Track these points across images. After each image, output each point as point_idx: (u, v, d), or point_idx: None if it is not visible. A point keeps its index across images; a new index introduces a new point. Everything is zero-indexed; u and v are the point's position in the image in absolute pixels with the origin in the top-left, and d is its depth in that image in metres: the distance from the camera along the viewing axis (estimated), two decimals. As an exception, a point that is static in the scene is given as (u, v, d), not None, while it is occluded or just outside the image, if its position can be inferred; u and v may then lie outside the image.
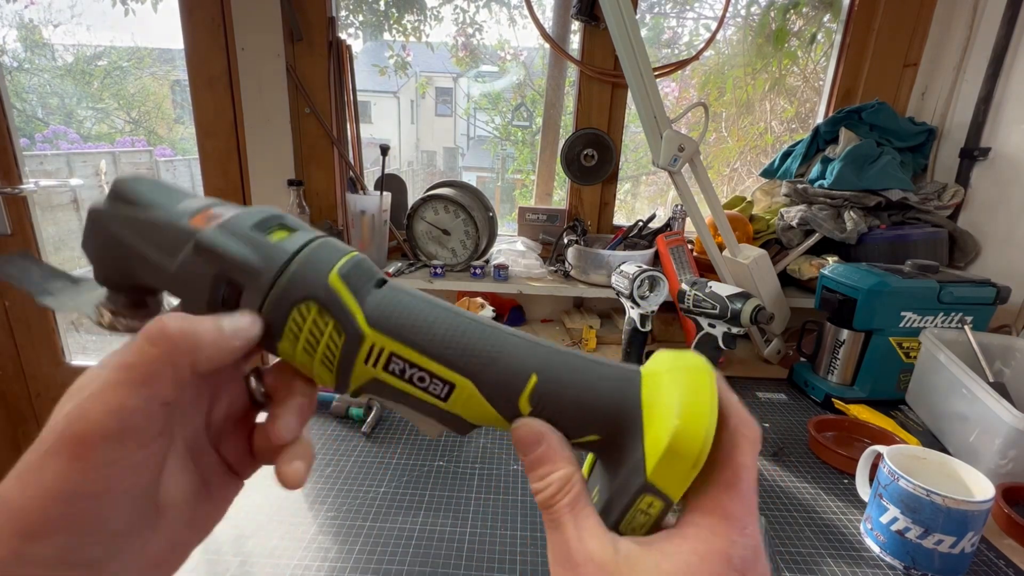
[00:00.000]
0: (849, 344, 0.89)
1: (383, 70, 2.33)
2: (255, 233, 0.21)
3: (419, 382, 0.22)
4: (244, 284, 0.21)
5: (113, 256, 0.22)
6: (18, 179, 1.33)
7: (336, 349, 0.21)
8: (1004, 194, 1.05)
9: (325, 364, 0.21)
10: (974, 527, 0.53)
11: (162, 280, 0.22)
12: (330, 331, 0.21)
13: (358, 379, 0.22)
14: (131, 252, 0.22)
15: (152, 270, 0.21)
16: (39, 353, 1.47)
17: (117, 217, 0.22)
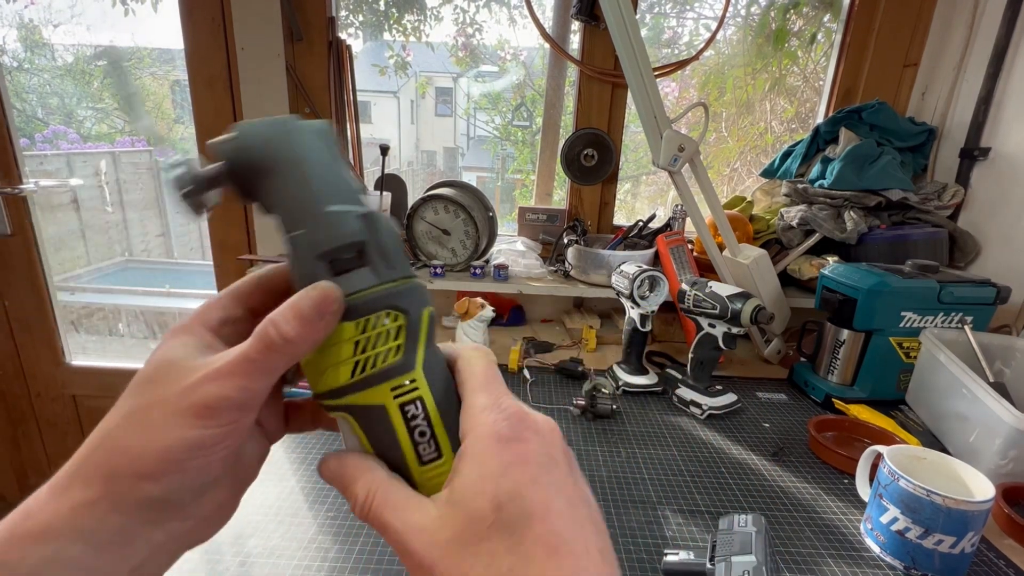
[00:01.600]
0: (849, 344, 0.89)
1: (383, 70, 2.33)
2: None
3: (419, 436, 0.23)
4: (374, 265, 0.22)
5: (271, 160, 0.23)
6: (18, 179, 1.33)
7: (382, 363, 0.22)
8: (1004, 194, 1.05)
9: (357, 367, 0.22)
10: (974, 527, 0.53)
11: (295, 213, 0.23)
12: (392, 346, 0.22)
13: (368, 397, 0.22)
14: (295, 170, 0.23)
15: (294, 199, 0.23)
16: (39, 353, 1.47)
17: (311, 137, 0.23)
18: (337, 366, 0.22)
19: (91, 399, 1.51)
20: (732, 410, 0.87)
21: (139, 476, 0.19)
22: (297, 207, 0.23)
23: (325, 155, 0.23)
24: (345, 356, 0.22)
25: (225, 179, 0.23)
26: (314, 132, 0.24)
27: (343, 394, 0.22)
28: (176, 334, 0.23)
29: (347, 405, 0.23)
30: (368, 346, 0.22)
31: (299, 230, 0.22)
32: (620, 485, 0.68)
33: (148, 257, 3.49)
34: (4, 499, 1.60)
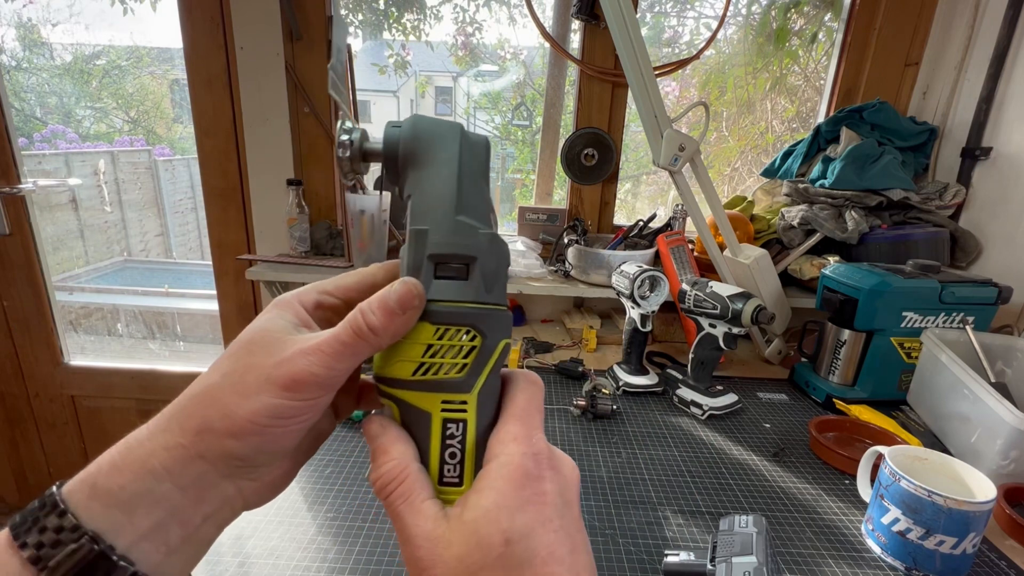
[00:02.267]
0: (850, 344, 0.89)
1: (383, 69, 2.33)
2: None
3: (449, 457, 0.23)
4: (475, 283, 0.24)
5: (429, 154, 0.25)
6: (17, 179, 1.32)
7: (443, 375, 0.23)
8: (1006, 194, 1.05)
9: (420, 368, 0.23)
10: (976, 528, 0.52)
11: (428, 209, 0.24)
12: (459, 362, 0.23)
13: (419, 399, 0.23)
14: (446, 171, 0.24)
15: (433, 196, 0.24)
16: (38, 353, 1.46)
17: (472, 148, 0.25)
18: (404, 360, 0.23)
19: (89, 399, 1.51)
20: (733, 410, 0.87)
21: (227, 432, 0.21)
22: (432, 205, 0.24)
23: (476, 169, 0.25)
24: (414, 355, 0.23)
25: (381, 158, 0.26)
26: (476, 144, 0.25)
27: (399, 387, 0.23)
28: (277, 306, 0.24)
29: (398, 398, 0.24)
30: (438, 354, 0.23)
31: (424, 225, 0.24)
32: (620, 485, 0.67)
33: (147, 257, 3.49)
34: (3, 500, 1.60)
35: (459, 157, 0.25)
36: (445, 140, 0.25)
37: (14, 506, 1.61)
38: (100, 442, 1.55)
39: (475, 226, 0.24)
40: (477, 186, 0.25)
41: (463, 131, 0.25)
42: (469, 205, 0.24)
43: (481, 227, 0.24)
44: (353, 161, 0.26)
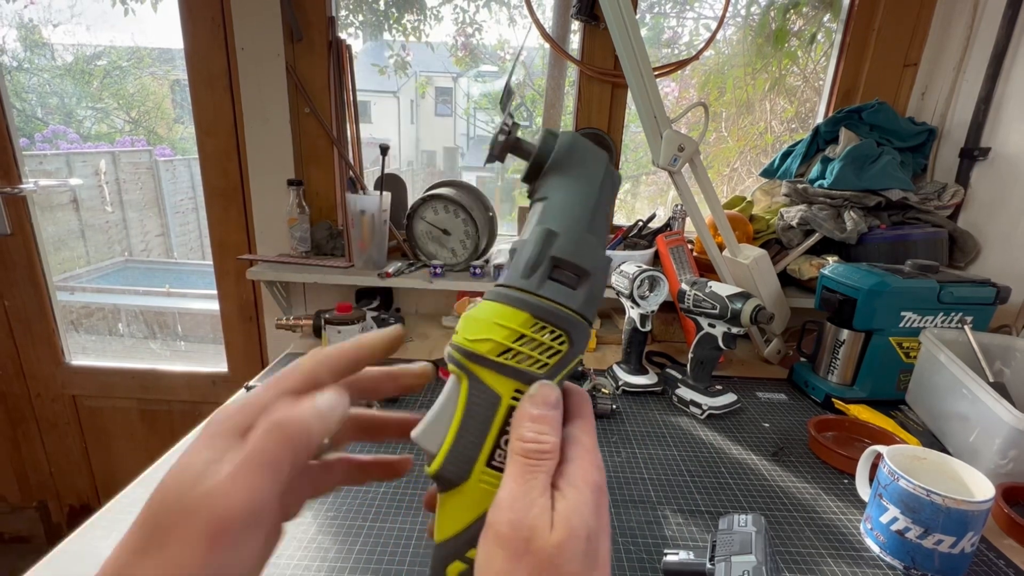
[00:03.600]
0: (849, 344, 0.89)
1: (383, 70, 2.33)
2: None
3: (504, 443, 0.24)
4: (581, 295, 0.25)
5: (579, 168, 0.27)
6: (18, 179, 1.33)
7: (524, 365, 0.24)
8: (1004, 194, 1.05)
9: (505, 352, 0.23)
10: (974, 527, 0.53)
11: (559, 216, 0.26)
12: (542, 359, 0.24)
13: (493, 379, 0.24)
14: (588, 189, 0.26)
15: (569, 206, 0.26)
16: (39, 353, 1.47)
17: (611, 179, 0.27)
18: (491, 340, 0.23)
19: (91, 399, 1.51)
20: (732, 410, 0.87)
21: None
22: (567, 214, 0.26)
23: (609, 199, 0.27)
24: (503, 336, 0.23)
25: (530, 156, 0.27)
26: (616, 179, 0.28)
27: (479, 363, 0.24)
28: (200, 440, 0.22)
29: (474, 374, 0.24)
30: (525, 344, 0.24)
31: (556, 228, 0.25)
32: (620, 485, 0.68)
33: (148, 257, 3.49)
34: (5, 500, 1.60)
35: (601, 183, 0.26)
36: (594, 164, 0.27)
37: (15, 506, 1.61)
38: (101, 442, 1.55)
39: (597, 245, 0.26)
40: (606, 213, 0.27)
41: (609, 161, 0.27)
42: (597, 227, 0.26)
43: (602, 250, 0.26)
44: (505, 148, 0.28)
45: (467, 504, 0.24)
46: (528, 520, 0.21)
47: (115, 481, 1.58)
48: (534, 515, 0.21)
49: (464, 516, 0.24)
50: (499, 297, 0.25)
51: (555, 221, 0.25)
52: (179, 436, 0.72)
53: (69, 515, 1.63)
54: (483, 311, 0.25)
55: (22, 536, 1.63)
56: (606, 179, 0.27)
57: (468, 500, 0.24)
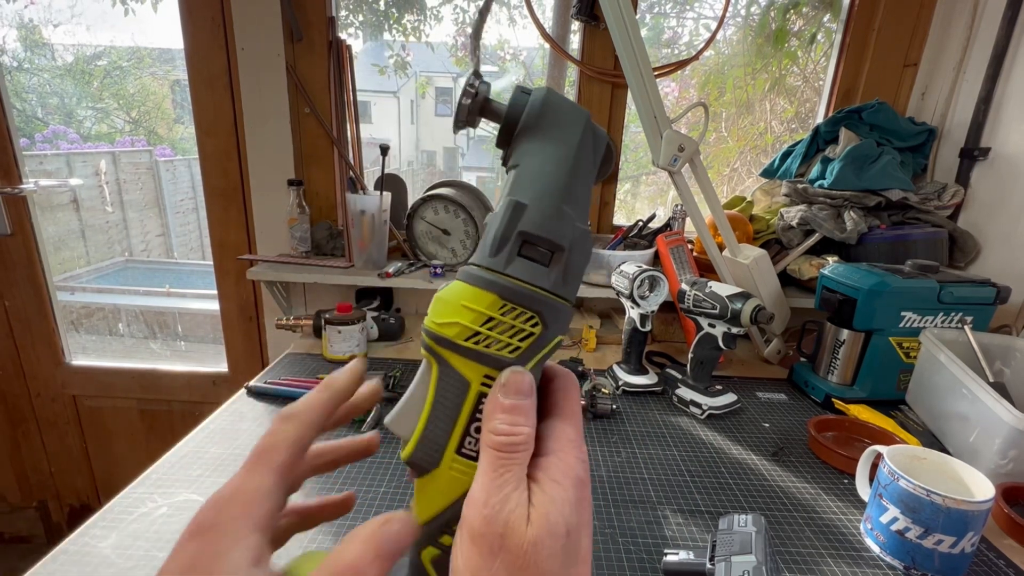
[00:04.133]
0: (849, 344, 0.89)
1: (383, 70, 2.33)
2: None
3: (475, 431, 0.23)
4: (553, 273, 0.23)
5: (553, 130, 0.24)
6: (18, 179, 1.33)
7: (493, 350, 0.22)
8: (1004, 194, 1.05)
9: (473, 336, 0.22)
10: (974, 527, 0.53)
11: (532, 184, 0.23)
12: (513, 343, 0.22)
13: (462, 365, 0.23)
14: (563, 154, 0.24)
15: (542, 174, 0.23)
16: (39, 353, 1.47)
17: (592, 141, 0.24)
18: (458, 323, 0.22)
19: (91, 399, 1.51)
20: (732, 410, 0.87)
21: None
22: (539, 183, 0.23)
23: (590, 163, 0.24)
24: (469, 319, 0.22)
25: (501, 118, 0.25)
26: (598, 138, 0.24)
27: (447, 347, 0.23)
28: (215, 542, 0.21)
29: (443, 358, 0.23)
30: (496, 328, 0.22)
31: (525, 200, 0.23)
32: (620, 485, 0.68)
33: (148, 257, 3.49)
34: (5, 500, 1.60)
35: (579, 145, 0.24)
36: (571, 123, 0.24)
37: (15, 506, 1.61)
38: (101, 442, 1.55)
39: (573, 217, 0.23)
40: (586, 180, 0.24)
41: (589, 119, 0.24)
42: (574, 196, 0.23)
43: (579, 221, 0.23)
44: (472, 112, 0.25)
45: (440, 490, 0.23)
46: (503, 515, 0.20)
47: (115, 481, 1.58)
48: (508, 510, 0.20)
49: (437, 502, 0.23)
50: (467, 277, 0.23)
51: (525, 191, 0.23)
52: (179, 436, 0.72)
53: (69, 515, 1.63)
54: (451, 292, 0.23)
55: (22, 536, 1.63)
56: (584, 139, 0.24)
57: (440, 487, 0.23)
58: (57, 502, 1.62)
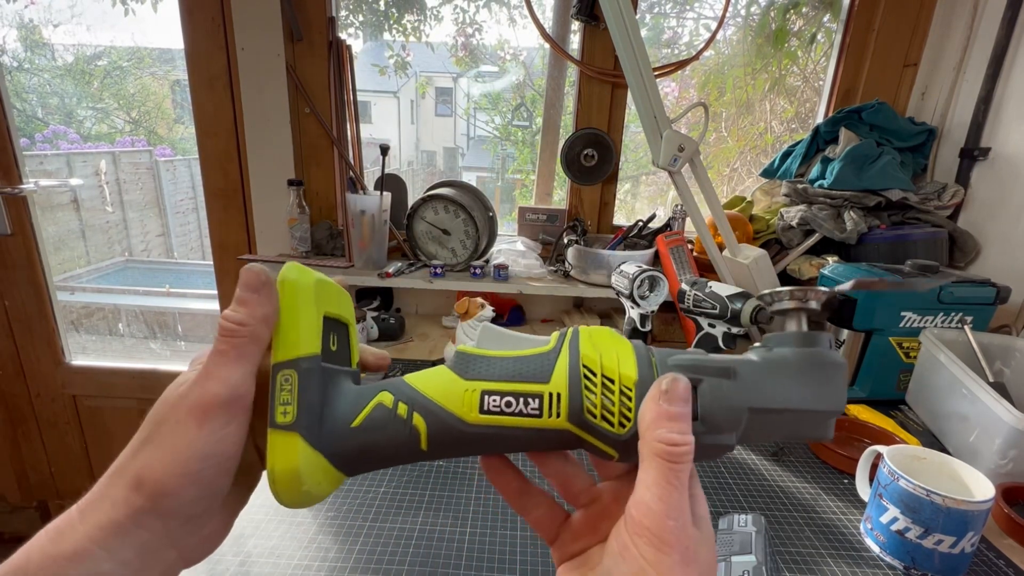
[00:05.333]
0: (849, 344, 0.89)
1: (383, 70, 2.33)
2: None
3: (505, 405, 0.24)
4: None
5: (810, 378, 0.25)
6: (18, 179, 1.33)
7: (584, 397, 0.24)
8: (1004, 194, 1.05)
9: (591, 376, 0.24)
10: (974, 527, 0.53)
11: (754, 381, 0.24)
12: (599, 413, 0.24)
13: (560, 373, 0.24)
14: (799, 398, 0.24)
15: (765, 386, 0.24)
16: (39, 353, 1.47)
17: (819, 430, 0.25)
18: (594, 355, 0.24)
19: (91, 399, 1.51)
20: (732, 410, 0.87)
21: (160, 493, 0.21)
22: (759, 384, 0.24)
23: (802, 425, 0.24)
24: (605, 363, 0.24)
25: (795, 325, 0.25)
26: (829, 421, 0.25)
27: (572, 352, 0.25)
28: (190, 364, 0.25)
29: (560, 350, 0.25)
30: (604, 389, 0.24)
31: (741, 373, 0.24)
32: (620, 485, 0.67)
33: (148, 257, 3.49)
34: (5, 500, 1.60)
35: (813, 404, 0.24)
36: (822, 395, 0.24)
37: (15, 506, 1.61)
38: (101, 441, 1.55)
39: (737, 428, 0.24)
40: (783, 427, 0.24)
41: (838, 410, 0.24)
42: (762, 422, 0.24)
43: (734, 438, 0.24)
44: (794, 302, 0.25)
45: (443, 387, 0.24)
46: (689, 529, 0.21)
47: (115, 481, 1.58)
48: (690, 523, 0.21)
49: (431, 387, 0.25)
50: (640, 348, 0.25)
51: (746, 374, 0.24)
52: (179, 436, 0.72)
53: (69, 515, 1.63)
54: (620, 340, 0.25)
55: (22, 536, 1.61)
56: (820, 412, 0.24)
57: (447, 387, 0.24)
58: (57, 502, 1.62)
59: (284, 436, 0.23)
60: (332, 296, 0.27)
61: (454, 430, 0.24)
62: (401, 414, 0.24)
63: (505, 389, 0.24)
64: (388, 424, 0.24)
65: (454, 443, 0.24)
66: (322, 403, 0.24)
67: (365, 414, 0.24)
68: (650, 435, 0.22)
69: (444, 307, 1.32)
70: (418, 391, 0.25)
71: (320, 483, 0.24)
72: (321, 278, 0.26)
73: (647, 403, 0.22)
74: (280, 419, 0.23)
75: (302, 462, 0.23)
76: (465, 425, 0.24)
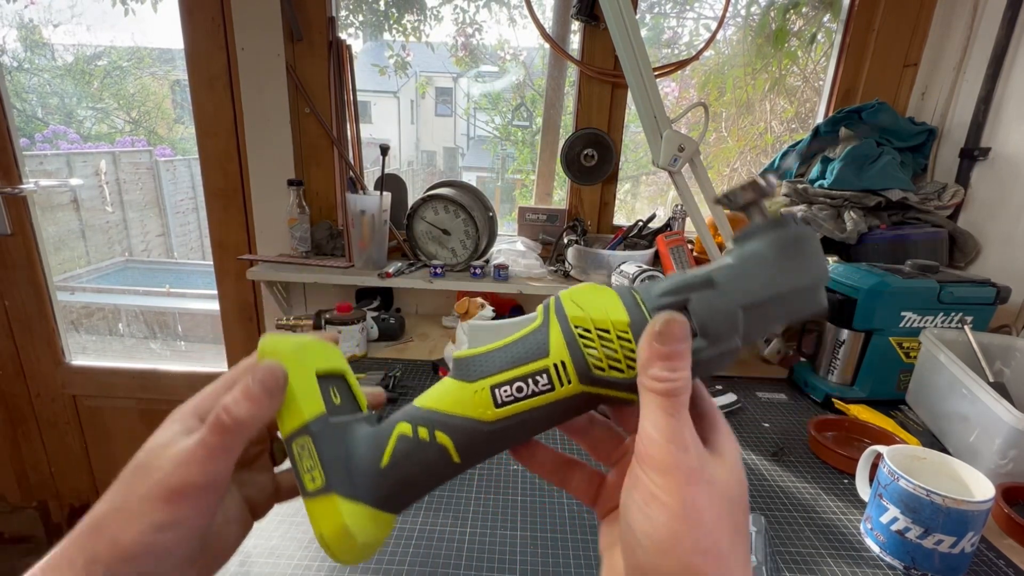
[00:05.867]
0: (849, 344, 0.89)
1: (383, 70, 2.33)
2: None
3: (516, 390, 0.24)
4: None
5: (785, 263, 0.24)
6: (18, 179, 1.33)
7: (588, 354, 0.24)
8: (1004, 194, 1.05)
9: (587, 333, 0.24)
10: (974, 527, 0.53)
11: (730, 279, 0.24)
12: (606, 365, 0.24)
13: (556, 343, 0.24)
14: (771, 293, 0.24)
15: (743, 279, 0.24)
16: (39, 353, 1.47)
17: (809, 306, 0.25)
18: (586, 314, 0.24)
19: (91, 399, 1.51)
20: (732, 410, 0.87)
21: (117, 559, 0.22)
22: (741, 282, 0.24)
23: (796, 307, 0.24)
24: (595, 317, 0.24)
25: (759, 217, 0.25)
26: (821, 294, 0.25)
27: (560, 317, 0.24)
28: (169, 421, 0.25)
29: (548, 319, 0.25)
30: (604, 341, 0.24)
31: (718, 279, 0.24)
32: (620, 485, 0.67)
33: (148, 257, 3.49)
34: (5, 500, 1.60)
35: (800, 286, 0.24)
36: (802, 270, 0.24)
37: (15, 506, 1.61)
38: (101, 441, 1.55)
39: (738, 330, 0.23)
40: (780, 314, 0.24)
41: (824, 281, 0.25)
42: (757, 316, 0.24)
43: (738, 338, 0.24)
44: (746, 202, 0.25)
45: (454, 398, 0.25)
46: (691, 451, 0.21)
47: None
48: (694, 447, 0.22)
49: (444, 403, 0.25)
50: (622, 291, 0.25)
51: (724, 277, 0.24)
52: (179, 436, 0.72)
53: (69, 515, 1.63)
54: (600, 291, 0.25)
55: (22, 536, 1.63)
56: (809, 289, 0.24)
57: (457, 397, 0.25)
58: (57, 502, 1.62)
59: (321, 501, 0.23)
60: (318, 353, 0.27)
61: (478, 433, 0.24)
62: (424, 437, 0.24)
63: (511, 377, 0.24)
64: (415, 452, 0.24)
65: (483, 445, 0.25)
66: (346, 456, 0.24)
67: (390, 451, 0.25)
68: (644, 374, 0.22)
69: (444, 307, 1.32)
70: (431, 410, 0.25)
71: (373, 531, 0.24)
72: (299, 341, 0.26)
73: (642, 343, 0.23)
74: (310, 486, 0.24)
75: (348, 518, 0.23)
76: (486, 425, 0.24)
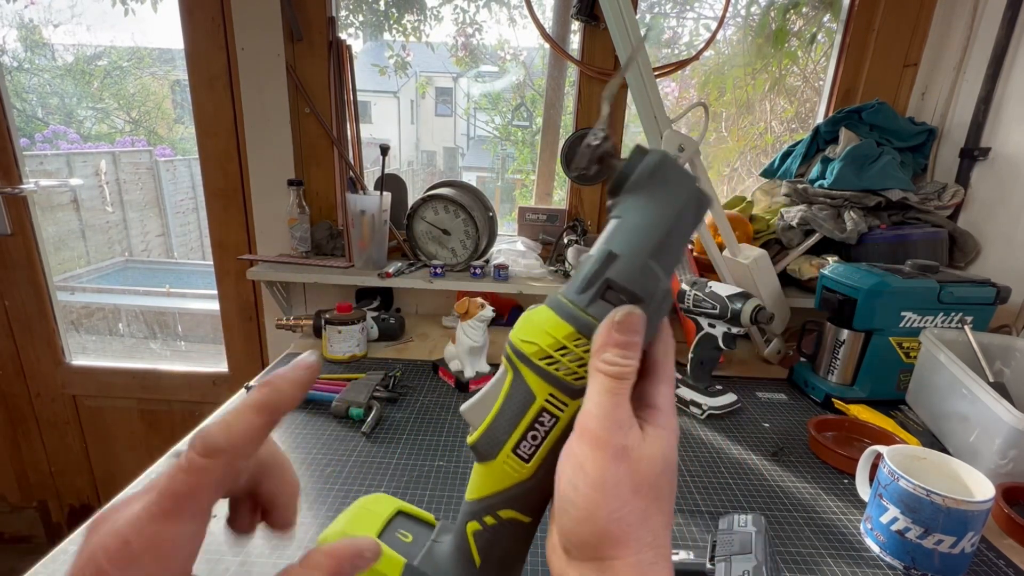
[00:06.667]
0: (849, 344, 0.89)
1: (383, 70, 2.33)
2: None
3: (531, 438, 0.25)
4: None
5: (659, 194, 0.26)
6: (18, 179, 1.33)
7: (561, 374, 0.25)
8: (1004, 194, 1.05)
9: (546, 359, 0.25)
10: (974, 527, 0.53)
11: (629, 238, 0.25)
12: (580, 372, 0.25)
13: (532, 380, 0.25)
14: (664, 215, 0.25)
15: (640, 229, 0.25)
16: (39, 353, 1.47)
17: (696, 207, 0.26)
18: (536, 344, 0.25)
19: (91, 399, 1.51)
20: (732, 410, 0.87)
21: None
22: (635, 237, 0.25)
23: (688, 226, 0.26)
24: (547, 343, 0.25)
25: (615, 172, 0.27)
26: (701, 204, 0.26)
27: (522, 361, 0.25)
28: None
29: (516, 367, 0.26)
30: (566, 355, 0.25)
31: (618, 251, 0.25)
32: (620, 485, 0.67)
33: (148, 257, 3.49)
34: (5, 500, 1.60)
35: (681, 209, 0.25)
36: (678, 187, 0.26)
37: (15, 506, 1.61)
38: (101, 442, 1.55)
39: (660, 276, 0.25)
40: (680, 241, 0.26)
41: (697, 185, 0.26)
42: (665, 255, 0.25)
43: (663, 280, 0.25)
44: (592, 157, 0.28)
45: (492, 478, 0.26)
46: (623, 430, 0.23)
47: (115, 481, 1.58)
48: (628, 426, 0.23)
49: (488, 487, 0.26)
50: (554, 305, 0.26)
51: (620, 243, 0.25)
52: (179, 436, 0.73)
53: (69, 515, 1.63)
54: (538, 315, 0.26)
55: (22, 536, 1.63)
56: (688, 205, 0.25)
57: (493, 475, 0.26)
58: (57, 502, 1.62)
59: None
60: (370, 511, 0.31)
61: (529, 490, 0.26)
62: (492, 523, 0.26)
63: (521, 433, 0.25)
64: (494, 537, 0.26)
65: (538, 495, 0.26)
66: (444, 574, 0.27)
67: (475, 550, 0.27)
68: (597, 357, 0.24)
69: (444, 307, 1.32)
70: (483, 498, 0.26)
71: None
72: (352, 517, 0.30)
73: (600, 329, 0.24)
74: None
75: None
76: (530, 480, 0.26)
